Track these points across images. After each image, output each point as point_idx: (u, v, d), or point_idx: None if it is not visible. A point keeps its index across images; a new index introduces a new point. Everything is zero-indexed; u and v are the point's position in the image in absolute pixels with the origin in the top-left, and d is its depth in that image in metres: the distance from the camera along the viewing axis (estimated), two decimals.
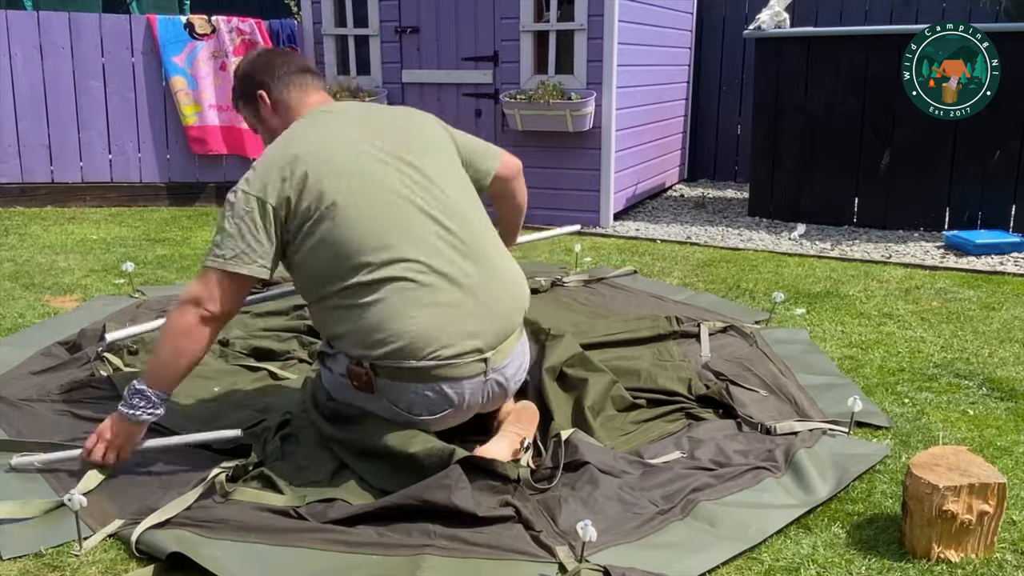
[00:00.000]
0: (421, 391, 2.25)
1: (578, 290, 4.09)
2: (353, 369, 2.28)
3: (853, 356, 3.27)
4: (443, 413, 2.30)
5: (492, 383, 2.34)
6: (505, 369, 2.37)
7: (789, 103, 5.79)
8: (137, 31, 6.21)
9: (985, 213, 5.44)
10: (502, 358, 2.35)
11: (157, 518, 2.02)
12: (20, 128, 6.15)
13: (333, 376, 2.38)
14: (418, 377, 2.24)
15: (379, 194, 2.28)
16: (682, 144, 7.54)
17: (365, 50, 6.20)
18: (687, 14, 7.20)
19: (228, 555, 1.91)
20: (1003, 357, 3.26)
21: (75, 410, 2.66)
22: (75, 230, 5.47)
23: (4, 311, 3.74)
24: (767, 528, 2.05)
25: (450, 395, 2.28)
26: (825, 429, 2.55)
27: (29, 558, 1.95)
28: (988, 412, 2.78)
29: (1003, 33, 5.22)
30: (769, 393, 2.82)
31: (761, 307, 3.87)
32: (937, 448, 2.10)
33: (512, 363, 2.40)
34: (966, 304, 3.95)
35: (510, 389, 2.44)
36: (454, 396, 2.28)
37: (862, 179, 5.70)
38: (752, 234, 5.56)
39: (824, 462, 2.35)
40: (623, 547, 1.96)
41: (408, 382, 2.25)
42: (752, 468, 2.31)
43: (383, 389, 2.27)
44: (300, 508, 2.09)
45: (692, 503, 2.14)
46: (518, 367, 2.44)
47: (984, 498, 1.93)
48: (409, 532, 2.01)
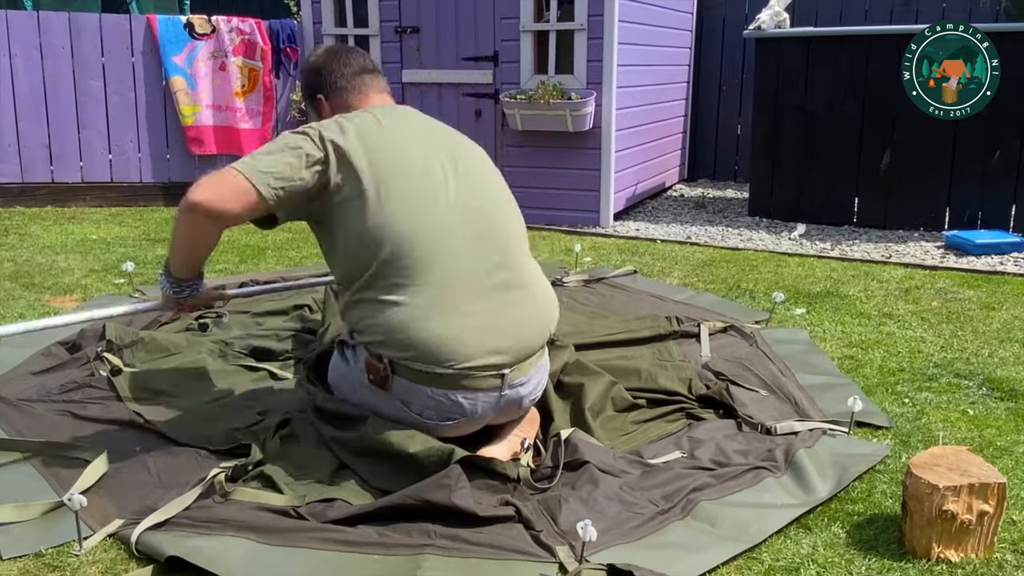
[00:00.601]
0: (437, 396, 2.25)
1: (578, 290, 4.09)
2: (372, 364, 2.27)
3: (853, 356, 3.27)
4: (454, 421, 2.30)
5: (507, 398, 2.33)
6: (522, 387, 2.36)
7: (789, 103, 5.79)
8: (137, 31, 6.21)
9: (985, 213, 5.44)
10: (520, 375, 2.33)
11: (157, 518, 2.02)
12: (20, 128, 6.15)
13: (349, 368, 2.37)
14: (436, 382, 2.23)
15: (426, 191, 2.26)
16: (682, 144, 7.54)
17: (365, 50, 6.20)
18: (687, 14, 7.20)
19: (228, 554, 1.91)
20: (1003, 357, 3.26)
21: (75, 410, 2.66)
22: (75, 230, 5.47)
23: (4, 311, 3.74)
24: (767, 528, 2.05)
25: (464, 404, 2.27)
26: (825, 429, 2.55)
27: (29, 558, 1.95)
28: (988, 412, 2.78)
29: (1003, 33, 5.22)
30: (769, 393, 2.82)
31: (761, 307, 3.87)
32: (937, 448, 2.10)
33: (530, 381, 2.38)
34: (966, 304, 3.95)
35: (524, 405, 2.43)
36: (467, 406, 2.27)
37: (862, 179, 5.70)
38: (752, 234, 5.56)
39: (824, 462, 2.35)
40: (623, 547, 1.96)
41: (425, 385, 2.24)
42: (752, 468, 2.31)
43: (398, 389, 2.26)
44: (300, 508, 2.09)
45: (692, 503, 2.14)
46: (535, 385, 2.42)
47: (984, 498, 1.93)
48: (409, 532, 2.01)
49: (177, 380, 2.84)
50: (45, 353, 3.15)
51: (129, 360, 3.02)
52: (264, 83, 6.33)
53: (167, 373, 2.88)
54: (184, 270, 2.35)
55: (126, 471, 2.30)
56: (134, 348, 3.09)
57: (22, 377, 2.94)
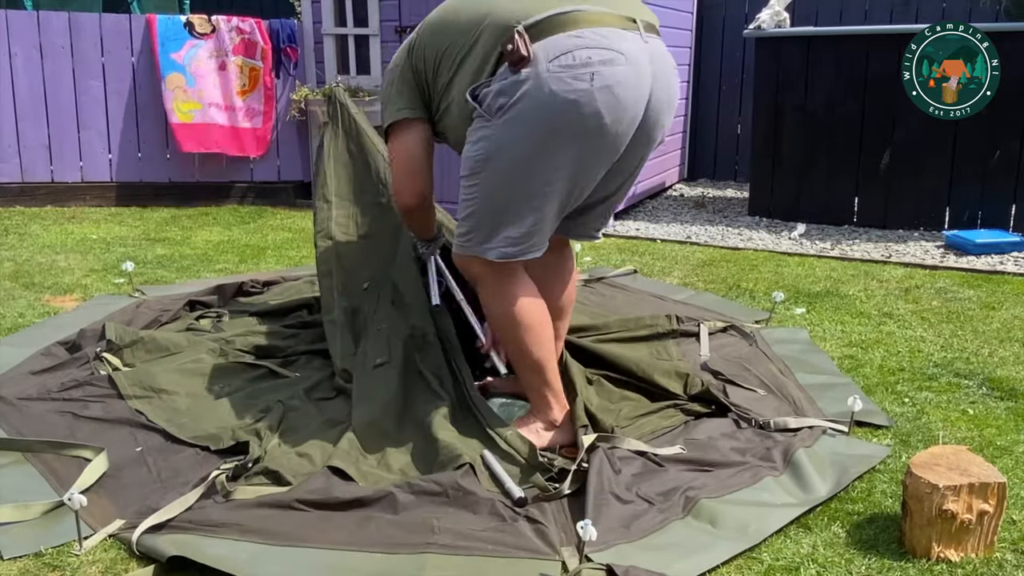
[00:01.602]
0: (581, 38, 2.15)
1: (578, 290, 4.08)
2: (506, 49, 2.16)
3: (853, 356, 3.27)
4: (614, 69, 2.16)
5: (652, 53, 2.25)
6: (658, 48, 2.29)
7: (789, 103, 5.79)
8: (137, 31, 6.20)
9: (985, 213, 5.44)
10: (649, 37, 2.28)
11: (158, 518, 2.02)
12: (20, 128, 6.16)
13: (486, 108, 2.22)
14: (571, 24, 2.17)
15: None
16: (682, 144, 7.54)
17: (365, 50, 6.21)
18: (687, 14, 7.20)
19: (230, 555, 1.91)
20: (1003, 357, 3.26)
21: (75, 410, 2.66)
22: (75, 230, 5.47)
23: (4, 311, 3.74)
24: (767, 528, 2.06)
25: (614, 40, 2.17)
26: (825, 428, 2.55)
27: (29, 558, 1.95)
28: (988, 412, 2.78)
29: (1003, 33, 5.22)
30: (768, 393, 2.82)
31: (761, 307, 3.87)
32: (937, 448, 2.10)
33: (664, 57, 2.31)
34: (966, 304, 3.95)
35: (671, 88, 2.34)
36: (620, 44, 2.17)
37: (862, 179, 5.70)
38: (752, 234, 5.56)
39: (823, 462, 2.35)
40: (624, 546, 1.96)
41: (563, 31, 2.16)
42: (751, 467, 2.31)
43: (539, 54, 2.14)
44: (300, 487, 2.10)
45: (692, 502, 2.14)
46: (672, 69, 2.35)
47: (984, 498, 1.93)
48: (412, 527, 2.01)
49: (178, 378, 2.84)
50: (45, 353, 3.15)
51: (129, 360, 3.02)
52: (264, 83, 6.33)
53: (168, 371, 2.88)
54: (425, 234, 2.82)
55: (127, 470, 2.31)
56: (134, 348, 3.09)
57: (22, 377, 2.94)
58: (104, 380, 2.84)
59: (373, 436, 2.38)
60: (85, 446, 2.37)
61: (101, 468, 2.26)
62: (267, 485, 2.17)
